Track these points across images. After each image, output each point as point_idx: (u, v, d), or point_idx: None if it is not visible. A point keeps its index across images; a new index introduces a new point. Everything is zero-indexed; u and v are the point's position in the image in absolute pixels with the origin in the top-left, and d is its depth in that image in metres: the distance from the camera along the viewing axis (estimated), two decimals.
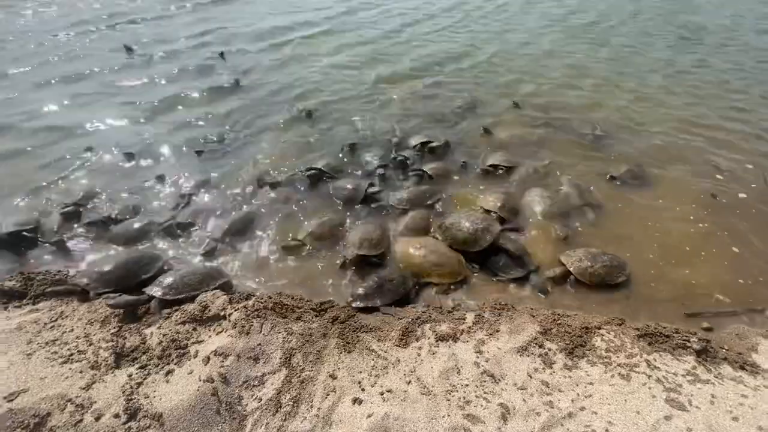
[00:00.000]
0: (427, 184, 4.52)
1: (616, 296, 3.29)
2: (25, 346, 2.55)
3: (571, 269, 3.36)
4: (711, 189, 4.44)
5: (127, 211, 4.02)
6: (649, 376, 2.49)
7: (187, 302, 2.95)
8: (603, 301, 3.25)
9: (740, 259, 3.62)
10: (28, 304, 2.98)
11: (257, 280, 3.39)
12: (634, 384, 2.44)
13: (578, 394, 2.37)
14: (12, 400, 2.21)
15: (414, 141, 5.16)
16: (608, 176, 4.61)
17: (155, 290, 2.99)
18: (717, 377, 2.52)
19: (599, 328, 2.83)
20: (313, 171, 4.54)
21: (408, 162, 4.79)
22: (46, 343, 2.58)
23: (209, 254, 3.61)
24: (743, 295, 3.29)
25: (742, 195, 4.39)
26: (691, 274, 3.46)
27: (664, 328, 2.86)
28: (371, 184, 4.38)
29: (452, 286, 3.33)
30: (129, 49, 7.61)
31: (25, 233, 3.61)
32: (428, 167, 4.68)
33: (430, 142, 5.10)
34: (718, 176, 4.68)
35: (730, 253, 3.66)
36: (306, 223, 3.94)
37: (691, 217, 4.07)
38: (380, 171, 4.63)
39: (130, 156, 4.86)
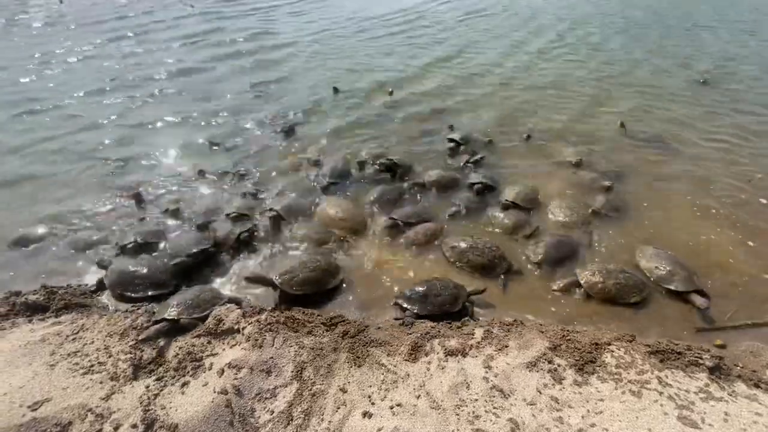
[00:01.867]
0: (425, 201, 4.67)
1: (627, 312, 3.28)
2: (48, 357, 2.66)
3: (581, 282, 3.40)
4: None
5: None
6: (661, 393, 2.47)
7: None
8: (613, 316, 3.25)
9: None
10: (50, 317, 3.10)
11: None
12: (645, 401, 2.42)
13: (588, 411, 2.36)
14: (36, 409, 2.30)
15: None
16: (590, 210, 4.36)
17: (173, 312, 2.96)
18: (731, 395, 2.49)
19: (609, 345, 2.82)
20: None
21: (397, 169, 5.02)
22: (68, 355, 2.68)
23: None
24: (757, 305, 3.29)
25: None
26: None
27: (676, 344, 2.84)
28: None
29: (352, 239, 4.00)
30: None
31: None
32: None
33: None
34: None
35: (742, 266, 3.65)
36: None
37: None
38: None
39: (138, 197, 4.63)
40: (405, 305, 3.19)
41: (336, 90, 7.24)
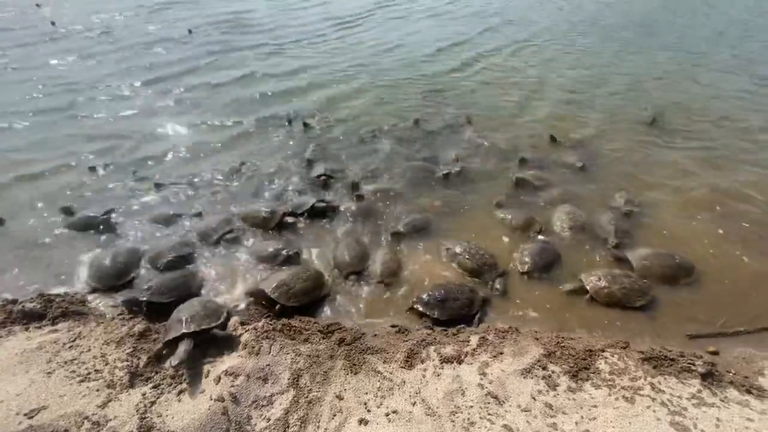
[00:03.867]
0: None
1: (621, 318, 3.31)
2: (45, 365, 2.66)
3: (588, 287, 3.45)
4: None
5: None
6: (654, 399, 2.50)
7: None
8: (607, 323, 3.27)
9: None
10: (47, 324, 3.10)
11: None
12: (638, 407, 2.45)
13: (582, 417, 2.39)
14: (32, 416, 2.30)
15: None
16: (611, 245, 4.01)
17: (192, 326, 2.80)
18: (723, 401, 2.52)
19: (603, 351, 2.85)
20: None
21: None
22: (65, 363, 2.68)
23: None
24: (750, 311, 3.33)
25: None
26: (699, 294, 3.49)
27: (669, 351, 2.87)
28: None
29: None
30: None
31: None
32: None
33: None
34: None
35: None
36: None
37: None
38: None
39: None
40: (423, 310, 3.22)
41: (306, 125, 6.27)
